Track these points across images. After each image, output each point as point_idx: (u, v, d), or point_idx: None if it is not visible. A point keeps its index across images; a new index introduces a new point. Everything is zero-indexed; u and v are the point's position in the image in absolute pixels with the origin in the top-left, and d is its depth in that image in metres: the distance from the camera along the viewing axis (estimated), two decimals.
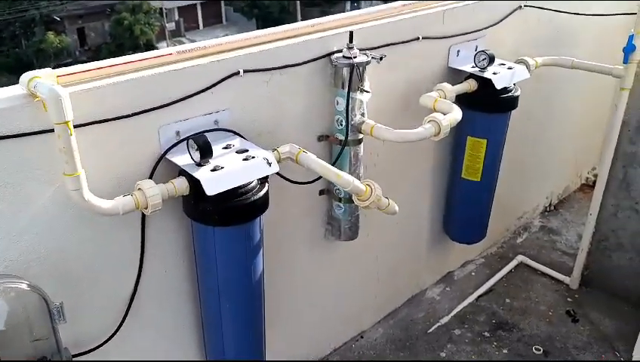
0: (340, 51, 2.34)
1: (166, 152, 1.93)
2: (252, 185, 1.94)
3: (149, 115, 1.87)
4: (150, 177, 1.91)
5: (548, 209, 4.49)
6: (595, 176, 4.78)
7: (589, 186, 4.83)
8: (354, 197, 2.20)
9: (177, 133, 1.97)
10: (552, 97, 3.86)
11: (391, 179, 2.89)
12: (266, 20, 31.36)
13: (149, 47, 27.86)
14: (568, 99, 4.02)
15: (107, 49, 26.84)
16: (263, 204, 1.96)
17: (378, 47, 2.51)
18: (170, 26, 29.59)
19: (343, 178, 2.05)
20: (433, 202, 3.34)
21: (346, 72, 2.30)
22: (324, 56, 2.33)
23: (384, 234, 3.06)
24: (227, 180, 1.82)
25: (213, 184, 1.79)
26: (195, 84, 1.97)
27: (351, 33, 2.28)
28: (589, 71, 3.21)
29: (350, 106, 2.32)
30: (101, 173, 1.81)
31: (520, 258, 3.85)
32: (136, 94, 1.83)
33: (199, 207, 1.88)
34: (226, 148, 2.00)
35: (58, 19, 26.57)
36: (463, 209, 3.23)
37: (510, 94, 2.90)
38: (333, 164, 2.40)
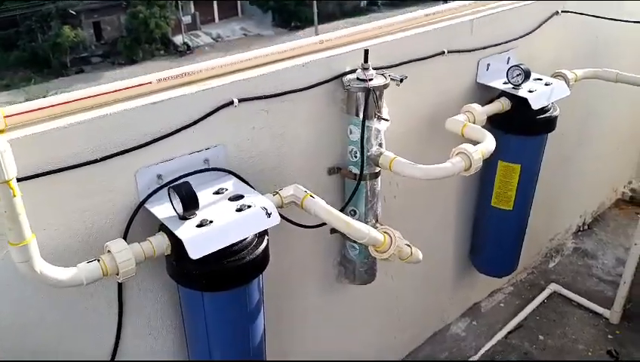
0: (354, 72, 2.01)
1: (144, 201, 1.63)
2: (248, 240, 1.63)
3: (123, 157, 1.56)
4: (126, 233, 1.61)
5: (582, 228, 4.12)
6: (633, 190, 4.42)
7: (625, 202, 4.44)
8: (370, 249, 1.87)
9: (159, 176, 1.66)
10: (588, 110, 3.49)
11: (413, 211, 2.58)
12: (282, 13, 31.04)
13: (165, 40, 27.75)
14: (604, 112, 3.64)
15: (123, 43, 26.78)
16: (261, 262, 1.65)
17: (397, 65, 2.17)
18: (186, 19, 29.40)
19: (356, 229, 1.72)
20: (459, 231, 3.00)
21: (360, 96, 1.96)
22: (334, 78, 1.99)
23: (405, 271, 2.69)
24: (216, 239, 1.51)
25: (198, 245, 1.47)
26: (180, 117, 1.65)
27: (366, 52, 1.94)
28: (636, 85, 2.83)
29: (366, 136, 1.99)
30: (64, 231, 1.51)
31: (553, 286, 3.49)
32: (106, 134, 1.52)
33: (183, 269, 1.57)
34: (217, 193, 1.69)
35: (74, 13, 26.50)
36: (493, 240, 2.89)
37: (548, 115, 2.54)
38: (347, 202, 2.08)
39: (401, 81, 2.00)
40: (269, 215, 1.61)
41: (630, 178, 4.48)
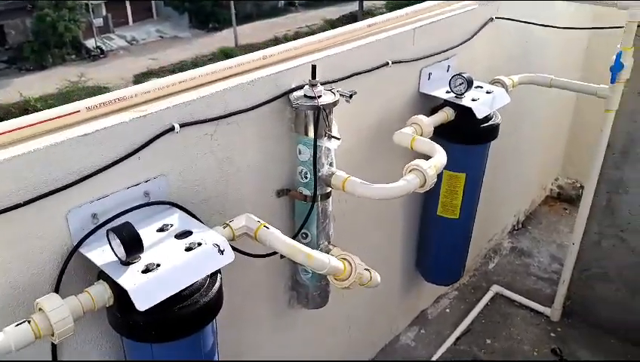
0: (301, 87, 1.89)
1: (79, 245, 1.43)
2: (200, 281, 1.47)
3: (50, 198, 1.36)
4: (58, 284, 1.41)
5: (516, 227, 4.22)
6: (559, 187, 4.59)
7: (553, 198, 4.62)
8: (330, 279, 1.76)
9: (94, 216, 1.47)
10: (517, 113, 3.57)
11: (361, 227, 2.51)
12: (198, 14, 30.33)
13: (76, 44, 26.31)
14: (532, 113, 3.74)
15: (30, 47, 25.13)
16: (216, 304, 1.50)
17: (343, 79, 2.08)
18: (98, 22, 28.04)
19: (317, 260, 1.61)
20: (406, 242, 2.96)
21: (309, 115, 1.85)
22: (281, 96, 1.87)
23: (356, 289, 2.64)
24: (166, 286, 1.34)
25: (146, 294, 1.30)
26: (115, 149, 1.47)
27: (314, 67, 1.83)
28: (569, 90, 2.91)
29: (317, 156, 1.88)
30: None
31: (495, 288, 3.54)
32: (30, 173, 1.32)
33: (129, 320, 1.39)
34: (162, 230, 1.52)
35: None
36: (441, 249, 2.87)
37: (491, 123, 2.54)
38: (302, 226, 1.97)
39: (351, 96, 1.90)
40: (221, 252, 1.46)
41: (556, 175, 4.65)
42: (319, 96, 1.84)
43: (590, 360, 3.07)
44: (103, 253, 1.41)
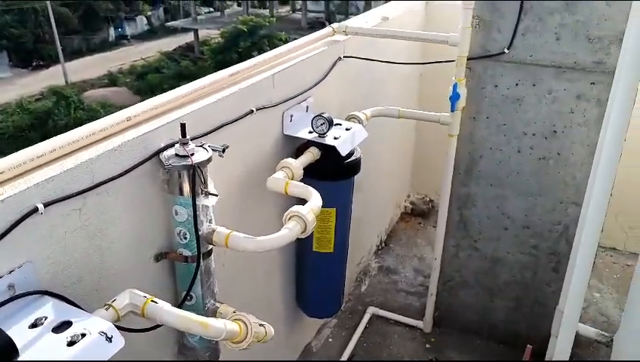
0: (171, 146, 1.83)
1: None
2: None
3: None
4: None
5: (380, 247, 4.46)
6: (412, 203, 4.96)
7: (408, 214, 4.96)
8: (226, 343, 1.70)
9: None
10: (371, 142, 3.78)
11: (241, 273, 2.47)
12: (18, 52, 27.86)
13: None
14: (383, 141, 4.00)
15: None
16: None
17: (211, 132, 2.05)
18: None
19: (214, 328, 1.55)
20: (285, 281, 2.97)
21: (183, 174, 1.79)
22: (151, 158, 1.78)
23: None
24: None
25: None
26: None
27: (183, 126, 1.78)
28: (416, 119, 3.17)
29: (197, 215, 1.82)
30: None
31: (371, 310, 3.70)
32: None
33: None
34: (35, 325, 1.35)
35: None
36: (319, 284, 2.93)
37: (354, 158, 2.67)
38: (189, 290, 1.88)
39: (224, 151, 1.88)
40: (109, 339, 1.34)
41: (408, 193, 5.01)
42: (192, 154, 1.79)
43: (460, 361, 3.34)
44: None
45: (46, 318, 1.37)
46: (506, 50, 2.82)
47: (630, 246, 4.27)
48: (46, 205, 1.44)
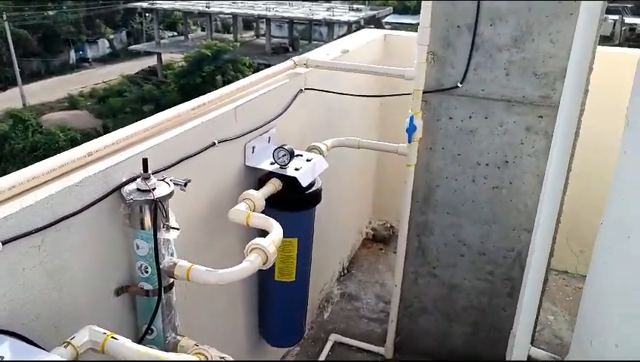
0: (133, 180, 1.85)
1: None
2: None
3: None
4: None
5: (342, 273, 4.51)
6: (373, 229, 5.04)
7: (369, 240, 5.03)
8: None
9: None
10: (332, 171, 3.86)
11: (202, 304, 2.47)
12: None
13: None
14: (344, 170, 4.08)
15: None
16: None
17: (173, 165, 2.08)
18: None
19: None
20: (247, 310, 2.98)
21: (145, 209, 1.81)
22: (112, 192, 1.80)
23: None
24: None
25: None
26: None
27: (145, 161, 1.81)
28: (375, 150, 3.26)
29: (158, 249, 1.84)
30: None
31: (333, 337, 3.73)
32: None
33: None
34: None
35: None
36: (281, 313, 2.95)
37: (315, 188, 2.73)
38: (150, 323, 1.88)
39: (186, 185, 1.92)
40: None
41: (370, 219, 5.10)
42: (154, 189, 1.82)
43: None
44: None
45: (2, 358, 1.37)
46: (459, 85, 2.96)
47: (581, 269, 4.43)
48: (4, 243, 1.44)
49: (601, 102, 2.95)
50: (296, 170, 2.62)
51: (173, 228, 1.88)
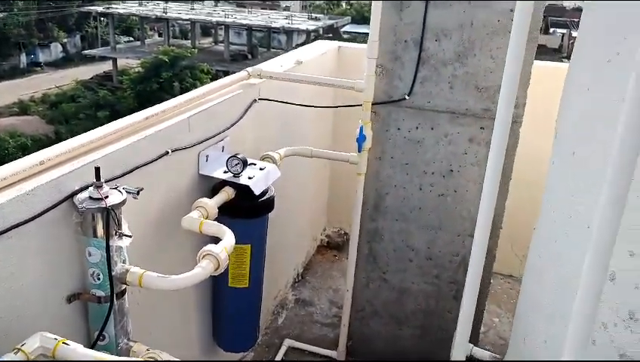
0: (85, 188, 1.89)
1: None
2: None
3: None
4: None
5: (297, 280, 4.59)
6: (328, 236, 5.15)
7: (324, 247, 5.13)
8: None
9: None
10: (286, 179, 3.95)
11: (154, 310, 2.51)
12: None
13: None
14: (298, 178, 4.17)
15: None
16: None
17: (126, 174, 2.12)
18: None
19: None
20: (200, 316, 3.02)
21: (97, 216, 1.85)
22: (64, 200, 1.83)
23: None
24: None
25: None
26: None
27: (97, 169, 1.85)
28: (327, 158, 3.37)
29: (110, 256, 1.88)
30: None
31: (287, 342, 3.80)
32: None
33: None
34: None
35: None
36: (235, 319, 3.00)
37: (268, 196, 2.81)
38: (101, 329, 1.91)
39: (138, 193, 1.96)
40: None
41: (324, 226, 5.20)
42: (106, 197, 1.86)
43: None
44: None
45: None
46: (406, 97, 3.10)
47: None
48: None
49: (538, 114, 3.14)
50: (250, 178, 2.69)
51: (126, 235, 1.92)
